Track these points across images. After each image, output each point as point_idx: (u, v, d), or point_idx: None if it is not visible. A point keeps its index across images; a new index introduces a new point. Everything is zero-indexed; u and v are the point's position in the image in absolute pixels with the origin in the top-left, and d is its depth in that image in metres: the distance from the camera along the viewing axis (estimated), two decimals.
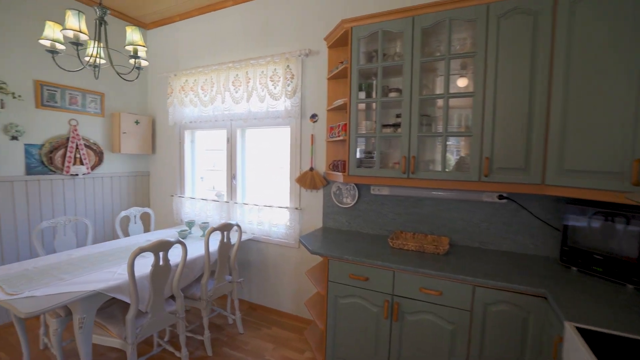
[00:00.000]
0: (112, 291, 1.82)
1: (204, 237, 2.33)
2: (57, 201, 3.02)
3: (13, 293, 1.68)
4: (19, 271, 1.97)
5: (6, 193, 2.69)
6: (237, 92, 2.97)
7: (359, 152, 2.36)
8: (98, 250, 2.42)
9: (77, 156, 3.13)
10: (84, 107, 3.18)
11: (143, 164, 3.80)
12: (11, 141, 2.71)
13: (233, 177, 3.24)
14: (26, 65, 2.74)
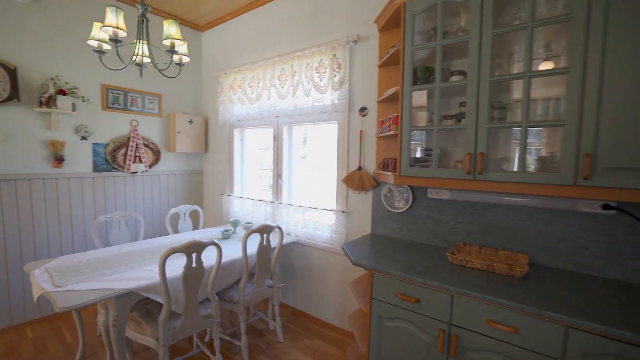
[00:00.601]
0: (146, 291, 1.78)
1: (242, 238, 2.21)
2: (118, 197, 3.22)
3: (59, 285, 1.73)
4: (73, 262, 2.06)
5: (77, 188, 2.93)
6: (283, 87, 2.83)
7: (415, 149, 2.02)
8: (145, 246, 2.46)
9: (136, 155, 3.30)
10: (143, 108, 3.34)
11: (197, 163, 3.90)
12: (81, 141, 2.93)
13: (279, 176, 3.11)
14: (94, 71, 2.95)
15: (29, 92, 2.62)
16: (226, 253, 2.35)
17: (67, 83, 2.78)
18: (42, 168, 2.73)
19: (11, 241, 2.59)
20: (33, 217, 2.70)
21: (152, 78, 3.36)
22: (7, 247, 2.57)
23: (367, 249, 2.05)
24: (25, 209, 2.66)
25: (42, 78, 2.66)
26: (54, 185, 2.80)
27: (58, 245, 2.84)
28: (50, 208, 2.79)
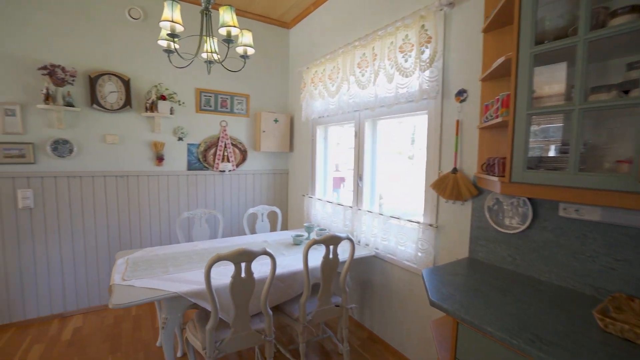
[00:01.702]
0: (195, 296, 1.68)
1: (303, 249, 1.92)
2: (208, 194, 3.39)
3: (126, 279, 1.78)
4: (151, 256, 2.16)
5: (173, 185, 3.19)
6: (363, 74, 2.44)
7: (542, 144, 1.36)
8: (217, 245, 2.45)
9: (225, 154, 3.43)
10: (232, 109, 3.45)
11: (282, 162, 3.86)
12: (178, 141, 3.18)
13: (359, 178, 2.73)
14: (189, 76, 3.16)
15: (138, 99, 2.95)
16: (289, 263, 2.12)
17: (167, 89, 3.04)
18: (147, 166, 3.05)
19: (124, 229, 2.97)
20: (140, 209, 3.04)
21: (241, 79, 3.44)
22: (120, 234, 2.96)
23: (458, 280, 1.49)
24: (134, 202, 3.01)
25: (148, 86, 2.97)
26: (155, 181, 3.10)
27: (152, 236, 3.15)
28: (152, 202, 3.10)
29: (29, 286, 2.65)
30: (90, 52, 2.73)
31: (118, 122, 2.89)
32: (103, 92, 2.77)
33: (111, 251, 2.95)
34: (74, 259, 2.80)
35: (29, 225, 2.62)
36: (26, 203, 2.59)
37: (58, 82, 2.53)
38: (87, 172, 2.79)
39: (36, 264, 2.66)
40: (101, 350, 2.30)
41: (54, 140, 2.63)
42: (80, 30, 2.69)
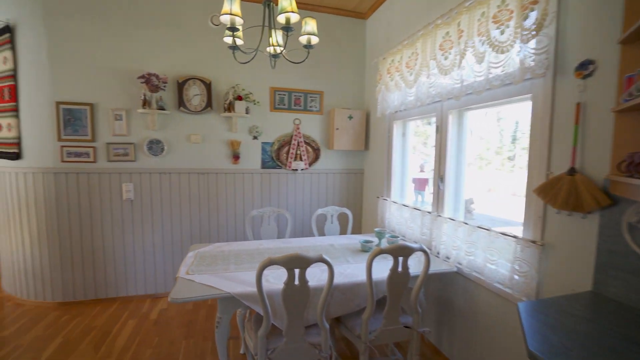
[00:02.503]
0: (247, 299, 1.60)
1: (367, 259, 1.68)
2: (281, 193, 3.40)
3: (189, 273, 1.82)
4: (218, 251, 2.21)
5: (248, 182, 3.29)
6: (447, 57, 2.06)
7: None
8: (282, 245, 2.38)
9: (297, 153, 3.39)
10: (305, 107, 3.39)
11: (357, 161, 3.65)
12: (253, 140, 3.27)
13: (440, 180, 2.35)
14: (264, 76, 3.21)
15: (217, 100, 3.12)
16: (352, 272, 1.91)
17: (244, 89, 3.14)
18: (225, 164, 3.21)
19: (202, 223, 3.19)
20: (217, 205, 3.22)
21: (315, 76, 3.36)
22: (200, 227, 3.18)
23: (576, 325, 1.06)
24: (213, 198, 3.20)
25: (226, 88, 3.11)
26: (231, 179, 3.24)
27: (226, 231, 3.29)
28: (229, 198, 3.25)
29: (130, 267, 3.04)
30: (178, 59, 2.99)
31: (200, 122, 3.10)
32: (188, 95, 3.00)
33: (192, 242, 3.19)
34: (163, 247, 3.11)
35: (130, 214, 3.00)
36: (128, 195, 2.97)
37: (153, 89, 2.82)
38: (175, 169, 3.07)
39: (135, 249, 3.03)
40: (177, 334, 2.46)
41: (149, 140, 2.95)
42: (170, 41, 2.96)
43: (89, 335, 2.43)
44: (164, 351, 2.26)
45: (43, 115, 2.77)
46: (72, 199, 2.86)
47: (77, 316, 2.70)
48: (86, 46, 2.78)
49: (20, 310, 2.81)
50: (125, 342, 2.35)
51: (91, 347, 2.29)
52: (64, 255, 2.89)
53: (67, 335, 2.43)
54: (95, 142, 2.87)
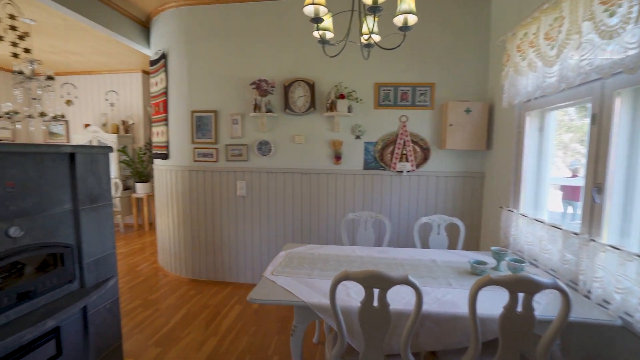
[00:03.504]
0: (322, 311, 1.47)
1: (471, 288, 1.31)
2: (384, 196, 3.16)
3: (274, 273, 1.82)
4: (308, 253, 2.17)
5: (350, 184, 3.18)
6: (612, 12, 1.43)
7: None
8: (376, 255, 2.16)
9: (403, 153, 3.08)
10: (413, 102, 3.05)
11: (475, 163, 3.07)
12: (355, 140, 3.14)
13: (595, 189, 1.69)
14: (368, 71, 3.04)
15: (320, 101, 3.12)
16: (453, 299, 1.54)
17: (347, 88, 3.05)
18: (326, 164, 3.19)
19: (300, 222, 3.25)
20: (317, 206, 3.23)
21: (425, 66, 2.99)
22: (302, 226, 3.25)
23: None
24: (314, 198, 3.23)
25: (329, 87, 3.08)
26: (332, 179, 3.19)
27: (322, 233, 3.24)
28: (330, 199, 3.21)
29: (240, 257, 3.36)
30: (285, 64, 3.13)
31: (304, 123, 3.16)
32: (293, 97, 3.10)
33: (285, 239, 3.29)
34: (269, 241, 3.31)
35: (242, 209, 3.32)
36: (241, 192, 3.28)
37: (262, 93, 3.03)
38: (280, 169, 3.22)
39: (245, 240, 3.34)
40: (272, 328, 2.56)
41: (259, 141, 3.19)
42: (278, 48, 3.12)
43: (204, 312, 2.78)
44: (258, 341, 2.37)
45: (182, 123, 3.35)
46: (200, 192, 3.36)
47: (199, 293, 3.15)
48: (212, 62, 3.22)
49: (165, 280, 3.47)
50: (229, 325, 2.58)
51: (204, 323, 2.61)
52: (194, 239, 3.42)
53: (189, 307, 2.85)
54: (217, 144, 3.28)
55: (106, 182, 1.76)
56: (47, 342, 1.47)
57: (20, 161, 1.35)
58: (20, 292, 1.36)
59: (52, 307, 1.45)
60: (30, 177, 1.40)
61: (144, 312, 2.76)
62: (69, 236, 1.57)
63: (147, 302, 2.96)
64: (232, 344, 2.34)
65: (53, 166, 1.49)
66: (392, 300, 1.43)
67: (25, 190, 1.37)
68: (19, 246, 1.34)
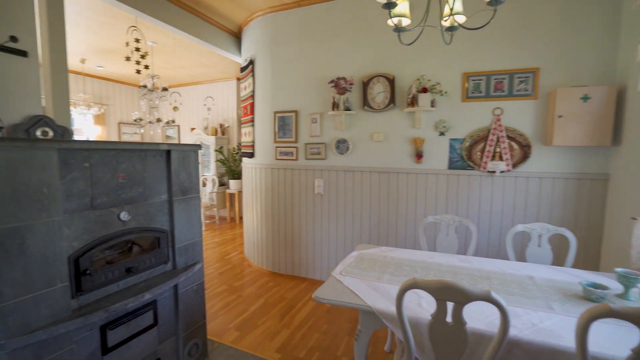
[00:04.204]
0: (388, 319, 1.36)
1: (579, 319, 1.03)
2: (471, 198, 2.82)
3: (343, 273, 1.77)
4: (381, 256, 2.05)
5: (431, 184, 2.93)
6: None
7: None
8: (456, 264, 1.92)
9: (496, 150, 2.69)
10: (510, 91, 2.63)
11: (596, 162, 2.49)
12: (439, 137, 2.88)
13: None
14: (455, 60, 2.74)
15: (401, 96, 2.95)
16: (553, 326, 1.25)
17: (430, 80, 2.81)
18: (406, 163, 3.00)
19: (377, 223, 3.12)
20: (396, 206, 3.06)
21: (527, 47, 2.55)
22: (379, 226, 3.13)
23: None
24: (391, 198, 3.07)
25: (410, 81, 2.89)
26: (412, 179, 2.99)
27: (398, 235, 3.04)
28: (409, 200, 3.01)
29: (317, 254, 3.42)
30: (363, 60, 3.05)
31: (383, 120, 3.03)
32: (372, 93, 3.00)
33: (361, 239, 3.20)
34: (345, 240, 3.28)
35: (319, 207, 3.36)
36: (319, 190, 3.33)
37: (341, 91, 3.01)
38: (357, 168, 3.16)
39: (322, 238, 3.38)
40: (343, 328, 2.51)
41: (337, 140, 3.19)
42: (356, 45, 3.06)
43: (280, 304, 2.90)
44: (328, 340, 2.35)
45: (266, 123, 3.57)
46: (281, 190, 3.53)
47: (277, 285, 3.31)
48: (293, 64, 3.34)
49: (248, 270, 3.76)
50: (302, 320, 2.64)
51: (279, 315, 2.72)
52: (274, 234, 3.62)
53: (267, 298, 3.02)
54: (297, 143, 3.40)
55: (195, 177, 1.97)
56: (146, 312, 1.71)
57: (130, 157, 1.60)
58: (128, 267, 1.61)
59: (151, 283, 1.68)
60: (137, 171, 1.64)
61: (229, 297, 3.03)
62: (164, 223, 1.80)
63: (232, 288, 3.24)
64: (303, 338, 2.38)
65: (153, 162, 1.73)
66: (472, 318, 1.25)
67: (133, 182, 1.62)
68: (126, 228, 1.59)
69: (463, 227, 2.75)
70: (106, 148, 1.49)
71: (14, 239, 1.18)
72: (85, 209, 1.42)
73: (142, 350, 1.69)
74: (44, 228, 1.25)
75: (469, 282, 1.64)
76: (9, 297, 1.17)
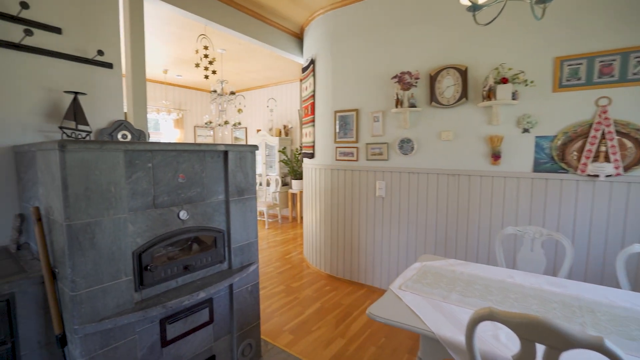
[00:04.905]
0: (454, 350, 1.14)
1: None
2: (563, 208, 2.35)
3: (403, 288, 1.59)
4: (448, 270, 1.80)
5: (512, 189, 2.53)
6: None
7: None
8: (544, 287, 1.58)
9: (600, 150, 2.20)
10: (622, 76, 2.12)
11: None
12: (522, 134, 2.47)
13: None
14: (544, 42, 2.32)
15: (474, 89, 2.61)
16: None
17: (511, 69, 2.42)
18: (480, 164, 2.64)
19: (442, 231, 2.81)
20: (466, 213, 2.72)
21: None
22: (446, 235, 2.82)
23: None
24: (461, 204, 2.74)
25: (486, 71, 2.53)
26: (487, 183, 2.62)
27: (468, 247, 2.67)
28: (483, 207, 2.65)
29: (377, 260, 3.23)
30: (430, 52, 2.77)
31: (453, 117, 2.72)
32: (441, 88, 2.71)
33: (426, 247, 2.91)
34: (407, 247, 3.04)
35: (380, 211, 3.17)
36: (380, 192, 3.14)
37: (405, 87, 2.79)
38: (423, 169, 2.89)
39: (382, 244, 3.18)
40: (403, 345, 2.30)
41: (400, 139, 2.96)
42: (422, 36, 2.79)
43: (336, 310, 2.80)
44: (384, 356, 2.17)
45: (327, 123, 3.50)
46: (340, 191, 3.42)
47: (335, 290, 3.21)
48: (354, 61, 3.20)
49: (307, 272, 3.74)
50: (358, 330, 2.49)
51: (334, 321, 2.61)
52: (333, 236, 3.53)
53: (323, 303, 2.94)
54: (358, 143, 3.25)
55: (252, 177, 1.97)
56: (203, 310, 1.75)
57: (189, 158, 1.65)
58: (186, 265, 1.66)
59: (206, 281, 1.71)
60: (196, 171, 1.69)
61: (286, 298, 3.03)
62: (221, 223, 1.83)
63: (289, 289, 3.24)
64: (358, 350, 2.23)
65: (211, 162, 1.76)
66: None
67: (191, 182, 1.67)
68: (185, 227, 1.64)
69: (552, 242, 2.31)
70: (167, 149, 1.54)
71: (86, 233, 1.27)
72: (147, 207, 1.49)
73: (198, 346, 1.74)
74: (111, 224, 1.34)
75: (563, 314, 1.32)
76: (82, 286, 1.27)
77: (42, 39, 1.87)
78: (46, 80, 1.89)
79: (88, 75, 2.06)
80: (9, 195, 1.78)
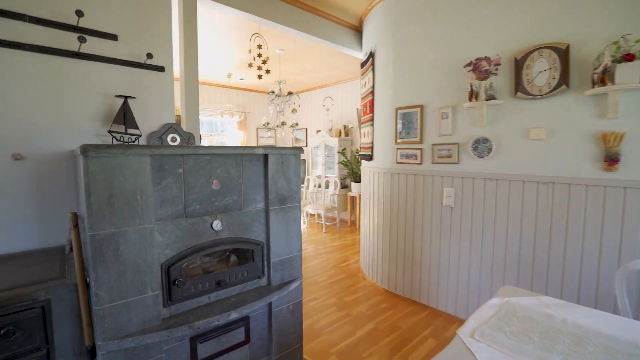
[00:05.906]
0: None
1: None
2: None
3: (476, 337, 1.21)
4: (538, 312, 1.35)
5: (636, 204, 1.90)
6: None
7: None
8: None
9: None
10: None
11: None
12: None
13: None
14: None
15: (579, 73, 2.02)
16: None
17: (638, 41, 1.80)
18: (586, 170, 2.04)
19: (529, 254, 2.24)
20: (567, 234, 2.13)
21: None
22: (534, 260, 2.27)
23: None
24: (558, 222, 2.16)
25: (597, 48, 1.94)
26: (598, 195, 2.00)
27: (567, 281, 2.06)
28: (591, 226, 2.04)
29: (442, 279, 2.77)
30: (514, 29, 2.25)
31: (546, 110, 2.16)
32: (530, 74, 2.18)
33: (506, 273, 2.37)
34: (481, 267, 2.53)
35: (447, 223, 2.71)
36: (448, 201, 2.69)
37: (482, 76, 2.32)
38: (504, 175, 2.37)
39: (450, 261, 2.72)
40: None
41: (474, 139, 2.48)
42: (504, 9, 2.27)
43: (392, 334, 2.45)
44: None
45: (387, 122, 3.15)
46: (401, 198, 3.04)
47: (392, 309, 2.85)
48: (418, 49, 2.80)
49: (362, 284, 3.43)
50: None
51: (389, 347, 2.27)
52: (392, 247, 3.17)
53: (378, 323, 2.61)
54: (423, 144, 2.84)
55: (295, 184, 1.76)
56: (238, 328, 1.59)
57: (224, 162, 1.50)
58: (218, 280, 1.51)
59: (242, 298, 1.55)
60: (232, 177, 1.53)
61: (337, 313, 2.78)
62: (260, 234, 1.65)
63: (342, 303, 2.97)
64: None
65: (250, 167, 1.60)
66: None
67: (227, 189, 1.52)
68: (219, 238, 1.50)
69: None
70: (200, 153, 1.41)
71: (110, 244, 1.19)
72: (178, 216, 1.37)
73: None
74: (137, 235, 1.24)
75: None
76: (105, 300, 1.19)
77: (99, 46, 1.92)
78: (102, 86, 1.94)
79: (141, 79, 2.08)
80: (70, 198, 1.85)
